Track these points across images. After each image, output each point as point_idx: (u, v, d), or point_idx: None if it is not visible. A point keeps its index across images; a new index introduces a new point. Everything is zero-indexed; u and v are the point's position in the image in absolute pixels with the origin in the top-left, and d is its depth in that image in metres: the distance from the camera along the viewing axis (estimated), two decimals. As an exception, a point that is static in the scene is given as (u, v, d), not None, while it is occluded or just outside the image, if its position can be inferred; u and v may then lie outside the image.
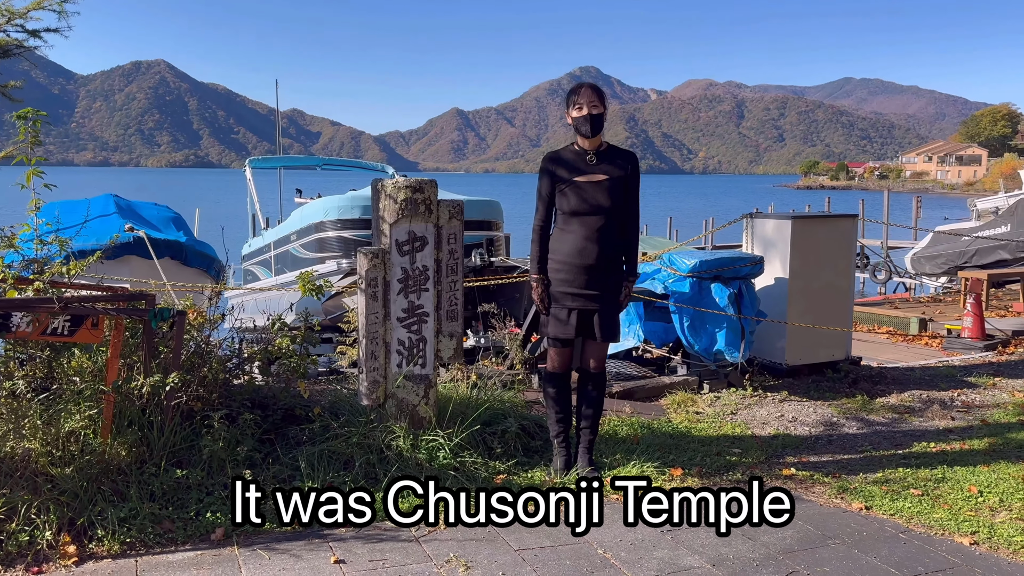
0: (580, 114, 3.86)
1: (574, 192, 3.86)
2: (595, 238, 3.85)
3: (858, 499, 3.95)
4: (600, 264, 3.87)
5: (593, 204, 3.84)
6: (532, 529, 3.49)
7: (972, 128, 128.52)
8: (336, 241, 10.79)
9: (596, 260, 3.85)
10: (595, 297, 3.89)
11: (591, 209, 3.85)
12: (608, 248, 3.89)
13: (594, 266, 3.86)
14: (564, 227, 3.91)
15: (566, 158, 3.94)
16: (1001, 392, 6.12)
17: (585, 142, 3.92)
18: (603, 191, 3.85)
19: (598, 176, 3.86)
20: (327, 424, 4.08)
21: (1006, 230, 12.67)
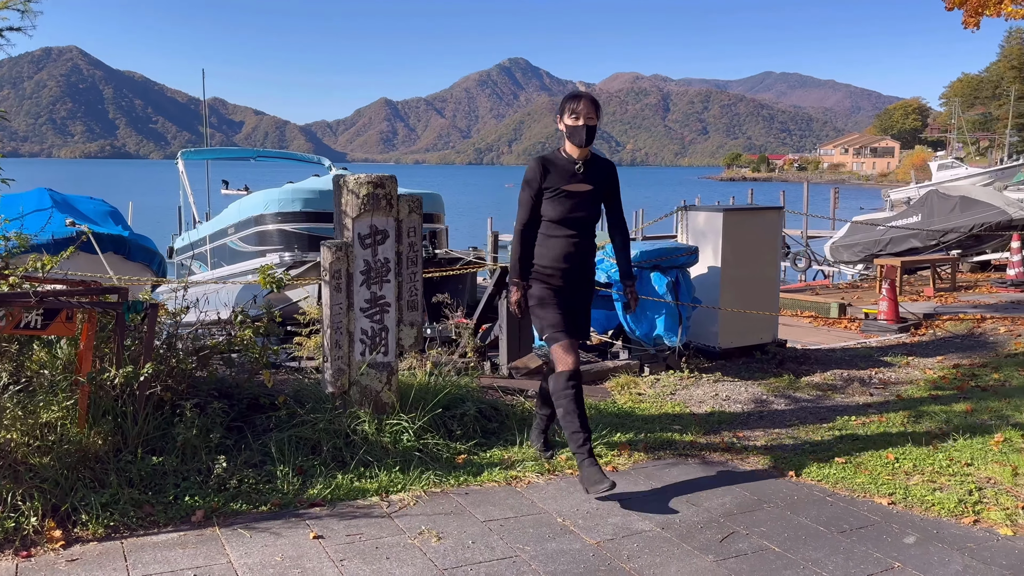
0: (576, 123, 3.84)
1: (563, 200, 3.87)
2: (580, 244, 3.92)
3: (788, 467, 4.33)
4: (583, 269, 3.97)
5: (579, 212, 3.89)
6: (496, 503, 3.74)
7: (885, 121, 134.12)
8: (277, 234, 10.79)
9: (580, 265, 3.95)
10: (580, 298, 4.02)
11: (577, 217, 3.89)
12: (590, 255, 4.02)
13: (579, 270, 3.95)
14: (550, 233, 3.91)
15: (556, 165, 3.91)
16: (914, 370, 6.66)
17: (575, 151, 3.91)
18: (587, 201, 3.92)
19: (584, 186, 3.90)
20: (293, 411, 4.24)
21: (917, 220, 13.52)
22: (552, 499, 3.80)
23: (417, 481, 3.90)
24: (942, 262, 11.76)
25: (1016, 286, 10.93)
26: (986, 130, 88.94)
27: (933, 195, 14.00)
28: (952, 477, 4.12)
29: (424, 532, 3.40)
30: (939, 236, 12.92)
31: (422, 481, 3.91)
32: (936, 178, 42.75)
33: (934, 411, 5.31)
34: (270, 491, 3.67)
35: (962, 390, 5.90)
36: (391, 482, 3.87)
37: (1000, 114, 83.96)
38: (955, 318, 8.64)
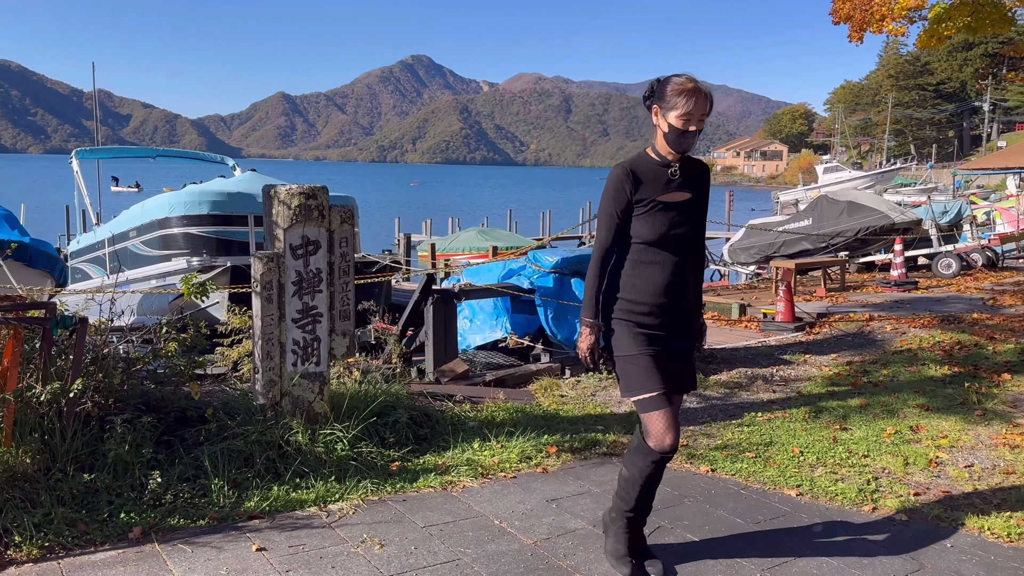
0: (686, 128, 2.92)
1: (659, 214, 2.96)
2: (681, 271, 3.03)
3: (704, 463, 4.61)
4: (686, 302, 3.08)
5: (680, 228, 2.99)
6: (434, 508, 3.84)
7: (774, 125, 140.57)
8: (183, 238, 10.47)
9: (684, 298, 3.05)
10: (683, 344, 3.10)
11: (679, 235, 2.99)
12: (693, 281, 3.13)
13: (682, 306, 3.05)
14: (643, 258, 2.98)
15: (646, 170, 3.02)
16: (811, 367, 7.14)
17: (670, 153, 3.00)
18: (688, 212, 3.03)
19: (682, 195, 3.01)
20: (223, 424, 4.21)
21: (808, 223, 14.36)
22: (488, 502, 3.93)
23: (354, 490, 3.96)
24: (832, 264, 12.55)
25: (899, 286, 11.80)
26: (867, 135, 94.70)
27: (823, 200, 14.89)
28: (852, 468, 4.49)
29: (366, 540, 3.47)
30: (829, 239, 13.78)
31: (359, 490, 3.96)
32: (822, 180, 45.33)
33: (832, 406, 5.74)
34: (206, 505, 3.66)
35: (856, 386, 6.38)
36: (328, 492, 3.91)
37: (879, 120, 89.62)
38: (846, 317, 9.27)
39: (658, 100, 2.97)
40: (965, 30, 14.20)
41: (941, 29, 14.13)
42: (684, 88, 2.91)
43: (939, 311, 9.42)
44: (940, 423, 5.34)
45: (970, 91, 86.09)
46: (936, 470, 4.53)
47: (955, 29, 14.17)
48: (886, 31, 13.72)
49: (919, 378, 6.53)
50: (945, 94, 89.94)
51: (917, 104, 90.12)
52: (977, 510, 3.95)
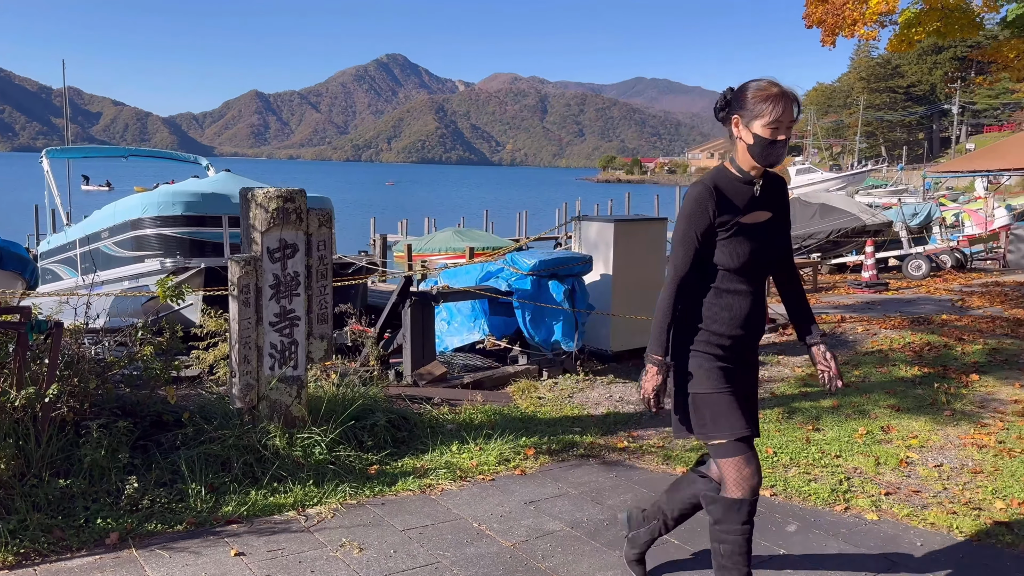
0: (771, 135, 2.59)
1: (742, 238, 2.65)
2: (761, 300, 2.74)
3: (680, 464, 4.66)
4: (761, 334, 2.81)
5: (764, 253, 2.70)
6: (413, 511, 3.85)
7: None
8: (156, 239, 10.35)
9: (760, 330, 2.78)
10: (753, 379, 2.85)
11: (759, 261, 2.70)
12: (765, 311, 2.82)
13: (756, 338, 2.79)
14: (726, 286, 2.68)
15: (728, 187, 2.68)
16: (784, 368, 7.23)
17: (754, 167, 2.69)
18: (768, 234, 2.71)
19: (764, 214, 2.70)
20: (200, 428, 4.19)
21: (781, 225, 14.52)
22: (467, 505, 3.95)
23: (332, 494, 3.95)
24: (805, 265, 12.72)
25: (870, 287, 11.98)
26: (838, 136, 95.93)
27: (795, 202, 15.07)
28: (824, 468, 4.57)
29: (345, 544, 3.47)
30: (801, 241, 13.95)
31: (337, 494, 3.96)
32: (794, 182, 45.83)
33: (805, 407, 5.82)
34: (184, 510, 3.64)
35: (827, 386, 6.47)
36: (306, 496, 3.91)
37: (851, 122, 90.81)
38: (818, 318, 9.40)
39: (738, 109, 2.65)
40: (935, 34, 14.46)
41: (911, 34, 14.38)
42: (769, 93, 2.60)
43: (909, 312, 9.59)
44: (910, 423, 5.44)
45: (940, 94, 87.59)
46: (906, 470, 4.62)
47: (925, 34, 14.42)
48: (858, 35, 13.94)
49: (890, 379, 6.64)
50: (915, 97, 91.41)
51: (888, 106, 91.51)
52: (946, 509, 4.04)
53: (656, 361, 2.67)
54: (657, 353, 2.67)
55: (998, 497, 4.19)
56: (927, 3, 14.25)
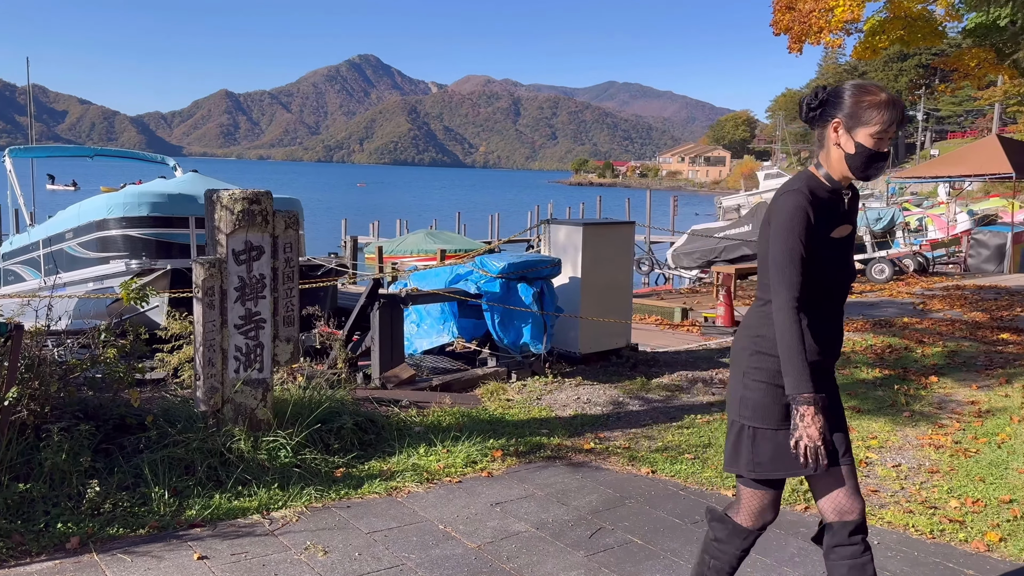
0: (877, 146, 2.37)
1: (830, 253, 2.43)
2: (841, 321, 2.54)
3: (645, 465, 4.72)
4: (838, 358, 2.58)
5: (848, 270, 2.50)
6: (378, 514, 3.86)
7: (718, 132, 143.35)
8: (122, 240, 10.23)
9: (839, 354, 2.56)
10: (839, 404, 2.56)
11: (844, 277, 2.49)
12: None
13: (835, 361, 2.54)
14: (812, 306, 2.41)
15: (821, 199, 2.42)
16: (749, 370, 7.34)
17: (845, 178, 2.45)
18: (848, 249, 2.51)
19: (847, 228, 2.48)
20: (164, 431, 4.16)
21: (748, 229, 14.72)
22: (433, 507, 3.97)
23: (298, 497, 3.95)
24: (771, 268, 12.90)
25: (832, 290, 12.19)
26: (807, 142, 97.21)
27: (762, 207, 15.29)
28: (785, 468, 4.65)
29: (310, 547, 3.47)
30: (768, 244, 14.15)
31: (303, 497, 3.96)
32: (763, 186, 46.39)
33: (768, 408, 5.91)
34: (146, 514, 3.61)
35: (791, 388, 6.58)
36: (271, 499, 3.90)
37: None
38: (783, 321, 9.55)
39: (838, 112, 2.39)
40: (898, 42, 14.77)
41: (876, 41, 14.68)
42: (879, 100, 2.35)
43: (872, 315, 9.77)
44: (870, 424, 5.56)
45: (905, 100, 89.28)
46: (866, 469, 4.72)
47: (889, 42, 14.73)
48: (824, 43, 14.20)
49: (851, 380, 6.77)
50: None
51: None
52: (903, 508, 4.13)
53: (809, 400, 2.27)
54: (806, 390, 2.27)
55: (953, 496, 4.30)
56: (891, 12, 14.56)
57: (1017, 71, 15.26)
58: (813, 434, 2.26)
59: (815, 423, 2.26)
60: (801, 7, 13.98)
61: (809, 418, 2.27)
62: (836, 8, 13.65)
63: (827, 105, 2.43)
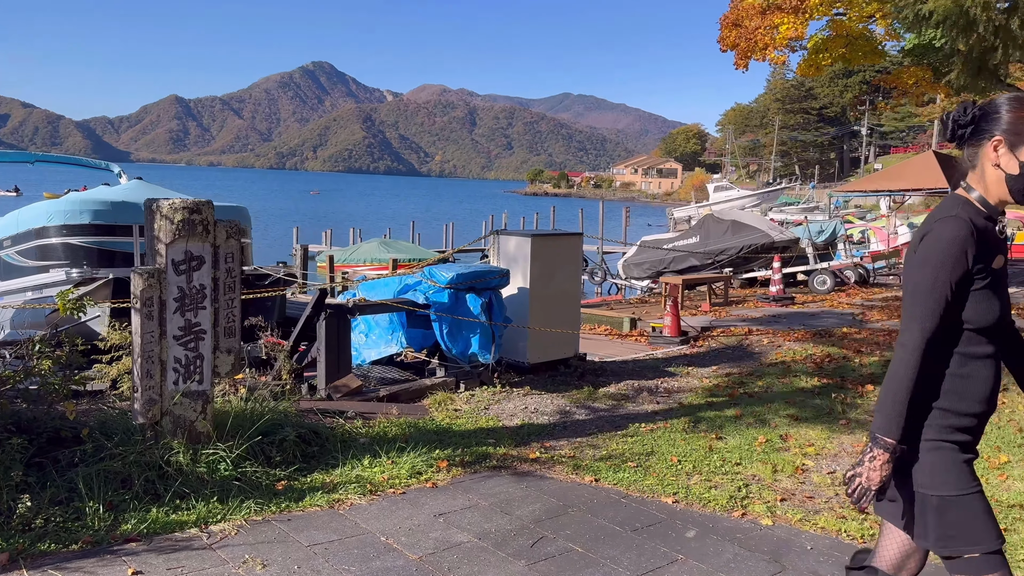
0: None
1: (992, 289, 2.16)
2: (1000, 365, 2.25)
3: (589, 473, 4.78)
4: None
5: (1007, 306, 2.25)
6: (320, 527, 3.84)
7: (670, 144, 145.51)
8: (62, 248, 9.99)
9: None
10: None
11: (1006, 315, 2.23)
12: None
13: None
14: (974, 351, 2.17)
15: (979, 225, 2.16)
16: (693, 379, 7.47)
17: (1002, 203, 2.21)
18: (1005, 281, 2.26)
19: (1002, 258, 2.21)
20: (100, 444, 4.08)
21: (696, 241, 14.99)
22: (375, 519, 3.96)
23: (237, 510, 3.90)
24: (717, 279, 13.14)
25: (777, 301, 12.47)
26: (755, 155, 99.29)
27: (709, 219, 15.59)
28: (725, 476, 4.75)
29: (248, 561, 3.44)
30: (714, 256, 14.42)
31: (242, 510, 3.91)
32: (713, 198, 47.31)
33: (710, 416, 6.03)
34: (80, 529, 3.54)
35: (733, 397, 6.73)
36: (210, 513, 3.85)
37: (766, 141, 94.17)
38: (727, 331, 9.74)
39: (999, 128, 2.14)
40: (840, 60, 15.24)
41: (819, 59, 15.11)
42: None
43: (812, 325, 10.02)
44: (808, 432, 5.70)
45: (850, 116, 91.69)
46: (802, 477, 4.84)
47: (831, 59, 15.18)
48: (769, 59, 14.56)
49: (791, 389, 6.94)
50: (827, 118, 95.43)
51: (801, 127, 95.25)
52: (836, 514, 4.25)
53: (889, 446, 2.11)
54: (891, 435, 2.10)
55: (883, 501, 4.44)
56: (833, 30, 15.01)
57: (951, 89, 15.86)
58: (873, 478, 2.12)
59: (880, 470, 2.12)
60: (747, 24, 14.33)
61: (877, 462, 2.12)
62: (781, 26, 14.02)
63: (981, 121, 2.17)
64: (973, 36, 6.60)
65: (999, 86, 8.94)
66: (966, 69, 7.56)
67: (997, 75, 7.82)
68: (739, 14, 13.94)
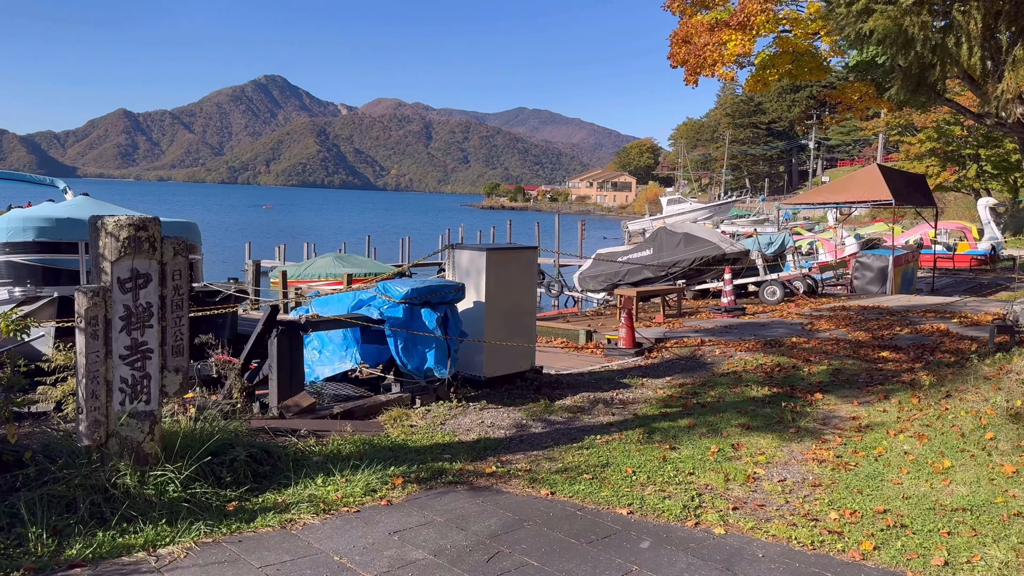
0: None
1: None
2: None
3: (545, 486, 4.79)
4: None
5: None
6: (271, 547, 3.78)
7: (624, 158, 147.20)
8: (4, 266, 9.72)
9: None
10: None
11: None
12: None
13: None
14: None
15: None
16: (647, 390, 7.54)
17: None
18: None
19: None
20: (44, 468, 3.98)
21: (649, 254, 15.16)
22: (328, 538, 3.91)
23: (186, 532, 3.82)
24: (670, 291, 13.31)
25: (728, 312, 12.67)
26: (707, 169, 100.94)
27: (662, 232, 15.78)
28: (678, 486, 4.80)
29: (198, 583, 3.37)
30: (668, 268, 14.61)
31: (192, 532, 3.84)
32: (667, 211, 47.99)
33: (664, 427, 6.10)
34: (22, 555, 3.44)
35: (686, 407, 6.81)
36: (158, 535, 3.76)
37: (717, 155, 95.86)
38: (681, 342, 9.86)
39: None
40: (787, 76, 15.63)
41: (767, 75, 15.46)
42: None
43: (763, 335, 10.20)
44: (759, 441, 5.80)
45: (798, 130, 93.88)
46: (753, 485, 4.92)
47: (778, 75, 15.55)
48: (717, 75, 14.86)
49: (742, 399, 7.05)
50: (776, 132, 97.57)
51: (751, 141, 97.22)
52: (786, 521, 4.33)
53: None
54: None
55: (833, 508, 4.53)
56: (780, 47, 15.38)
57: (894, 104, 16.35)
58: None
59: None
60: (696, 41, 14.62)
61: None
62: (729, 43, 14.33)
63: None
64: (911, 54, 6.84)
65: (938, 100, 9.25)
66: (905, 85, 7.81)
67: (935, 90, 8.10)
68: (688, 31, 14.21)
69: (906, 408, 6.66)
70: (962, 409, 6.45)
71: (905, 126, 38.95)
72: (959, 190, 37.59)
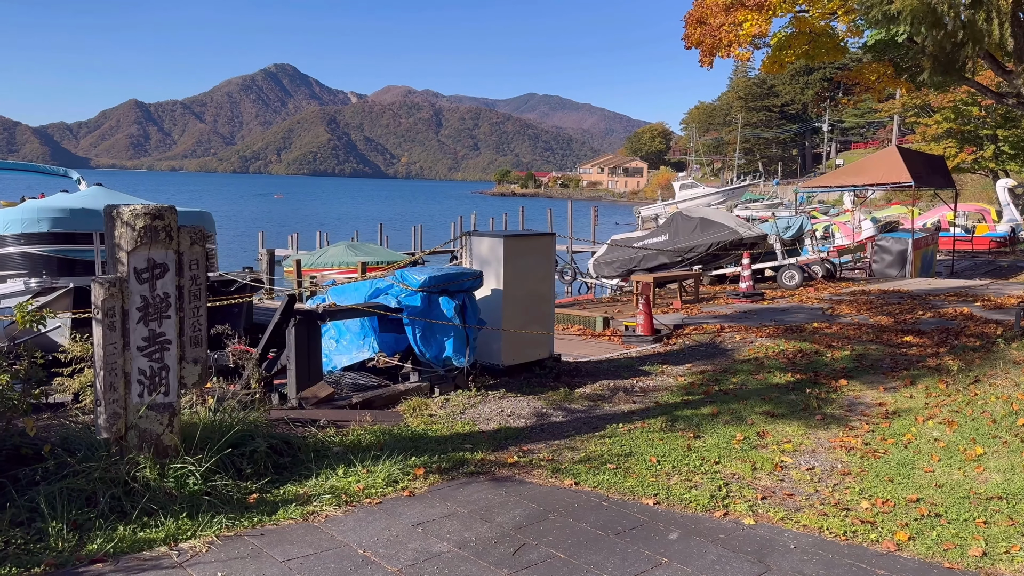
0: None
1: None
2: None
3: (568, 477, 4.71)
4: None
5: None
6: (294, 540, 3.72)
7: (635, 143, 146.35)
8: (20, 257, 9.72)
9: None
10: None
11: None
12: None
13: None
14: None
15: None
16: (668, 377, 7.44)
17: None
18: None
19: None
20: (63, 461, 3.93)
21: (665, 239, 15.02)
22: (352, 531, 3.85)
23: (208, 526, 3.77)
24: (687, 277, 13.17)
25: (747, 297, 12.53)
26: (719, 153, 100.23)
27: (678, 217, 15.62)
28: (704, 475, 4.72)
29: (221, 578, 3.31)
30: (684, 253, 14.46)
31: (213, 526, 3.78)
32: (679, 196, 47.66)
33: (687, 415, 6.01)
34: (42, 550, 3.39)
35: (708, 394, 6.71)
36: (179, 529, 3.71)
37: (730, 139, 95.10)
38: (700, 328, 9.74)
39: None
40: (804, 57, 15.38)
41: (782, 56, 15.22)
42: None
43: (783, 321, 10.07)
44: (784, 428, 5.70)
45: (811, 113, 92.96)
46: (781, 474, 4.83)
47: (795, 56, 15.31)
48: (733, 56, 14.64)
49: (765, 385, 6.94)
50: (789, 115, 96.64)
51: (764, 124, 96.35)
52: (817, 511, 4.24)
53: None
54: None
55: (864, 497, 4.43)
56: (796, 27, 15.13)
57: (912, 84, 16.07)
58: None
59: None
60: (711, 21, 14.40)
61: None
62: (745, 23, 14.11)
63: None
64: (942, 33, 6.66)
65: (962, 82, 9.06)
66: (936, 66, 7.62)
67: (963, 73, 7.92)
68: (703, 11, 14.00)
69: (933, 394, 6.53)
70: (992, 394, 6.32)
71: (921, 107, 38.42)
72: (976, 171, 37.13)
